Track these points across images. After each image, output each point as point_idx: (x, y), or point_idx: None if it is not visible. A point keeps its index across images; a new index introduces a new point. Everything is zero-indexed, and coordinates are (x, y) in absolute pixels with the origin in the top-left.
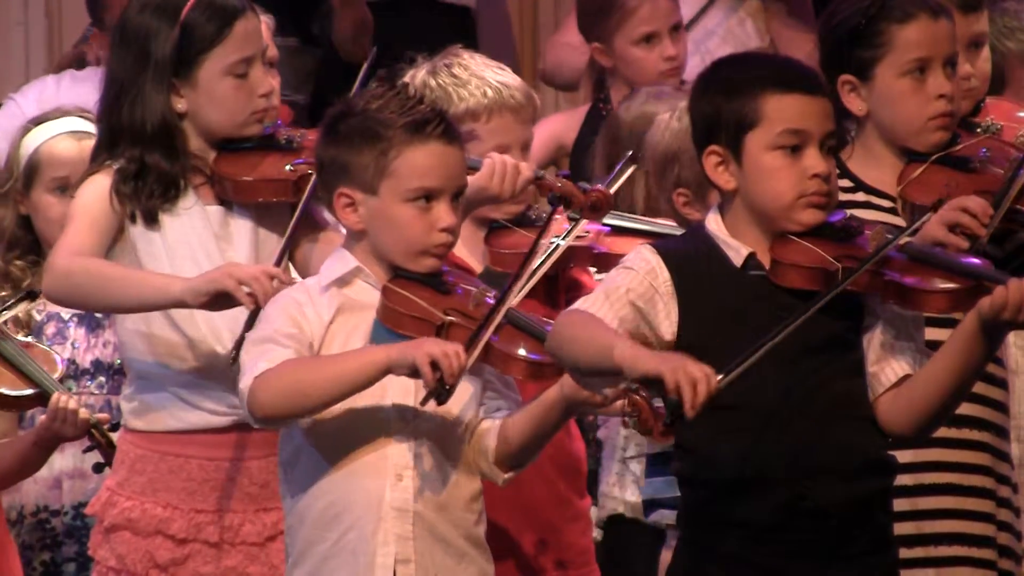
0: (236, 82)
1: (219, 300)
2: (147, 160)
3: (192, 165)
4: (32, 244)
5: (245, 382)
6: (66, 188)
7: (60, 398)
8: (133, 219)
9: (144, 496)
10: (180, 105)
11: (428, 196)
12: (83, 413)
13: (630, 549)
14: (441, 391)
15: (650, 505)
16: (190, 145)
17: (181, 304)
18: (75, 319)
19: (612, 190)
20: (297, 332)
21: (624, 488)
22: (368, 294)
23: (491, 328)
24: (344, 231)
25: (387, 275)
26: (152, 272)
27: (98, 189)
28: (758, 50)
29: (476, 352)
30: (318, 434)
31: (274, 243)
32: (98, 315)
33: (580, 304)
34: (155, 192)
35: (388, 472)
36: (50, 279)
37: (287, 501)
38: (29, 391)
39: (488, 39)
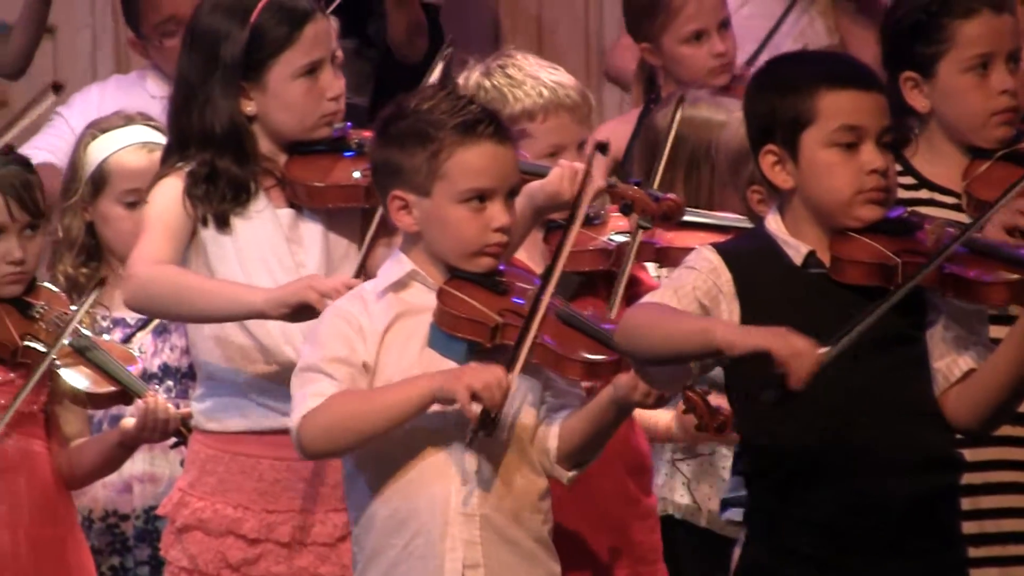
0: (306, 85)
1: (300, 312)
2: (218, 164)
3: (263, 168)
4: (95, 249)
5: (294, 420)
6: (137, 202)
7: (150, 403)
8: (204, 223)
9: (215, 496)
10: (249, 108)
11: (481, 196)
12: (172, 415)
13: (680, 551)
14: (487, 423)
15: (725, 504)
16: (260, 148)
17: (261, 315)
18: (141, 323)
19: (670, 194)
20: (347, 354)
21: (673, 490)
22: (425, 297)
23: (532, 334)
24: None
25: (444, 276)
26: (232, 282)
27: (171, 193)
28: (825, 48)
29: (519, 363)
30: (382, 442)
31: (344, 246)
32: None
33: (648, 299)
34: (226, 196)
35: (453, 476)
36: (130, 289)
37: (353, 509)
38: (110, 388)
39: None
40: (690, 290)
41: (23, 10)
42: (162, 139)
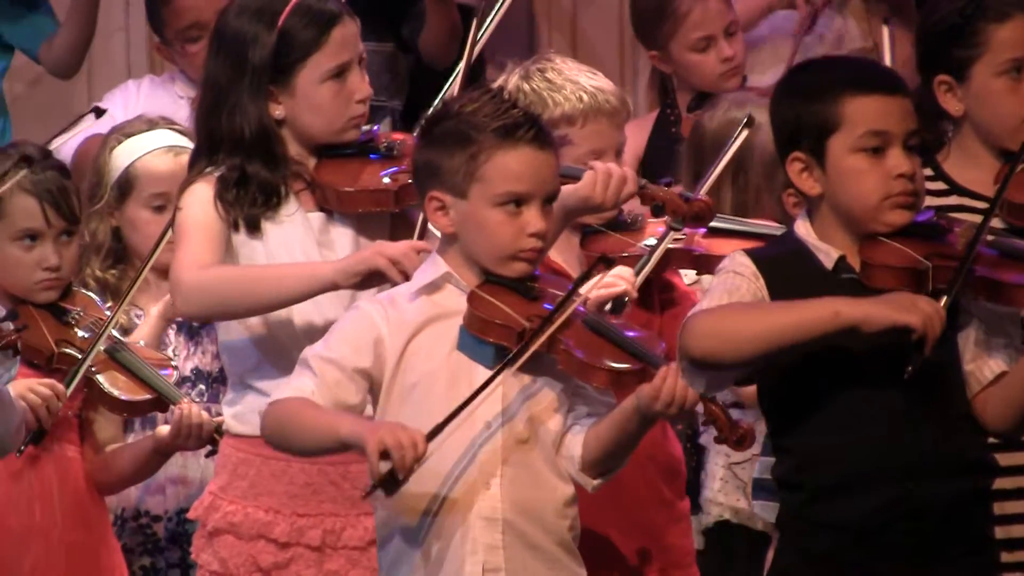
0: (334, 88)
1: (370, 279)
2: (248, 168)
3: (292, 172)
4: (122, 253)
5: (270, 400)
6: (163, 206)
7: (184, 409)
8: (236, 227)
9: (246, 500)
10: (278, 112)
11: (518, 201)
12: (206, 424)
13: (736, 555)
14: (389, 482)
15: (757, 488)
16: (289, 151)
17: (333, 287)
18: (174, 327)
19: (700, 196)
20: (345, 359)
21: (729, 494)
22: (458, 300)
23: (537, 343)
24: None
25: (478, 279)
26: (293, 263)
27: (203, 199)
28: (859, 51)
29: (522, 359)
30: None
31: None
32: (195, 324)
33: (707, 304)
34: (257, 200)
35: (477, 480)
36: (184, 297)
37: (378, 513)
38: (146, 396)
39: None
40: (744, 292)
41: (70, 10)
42: (187, 143)
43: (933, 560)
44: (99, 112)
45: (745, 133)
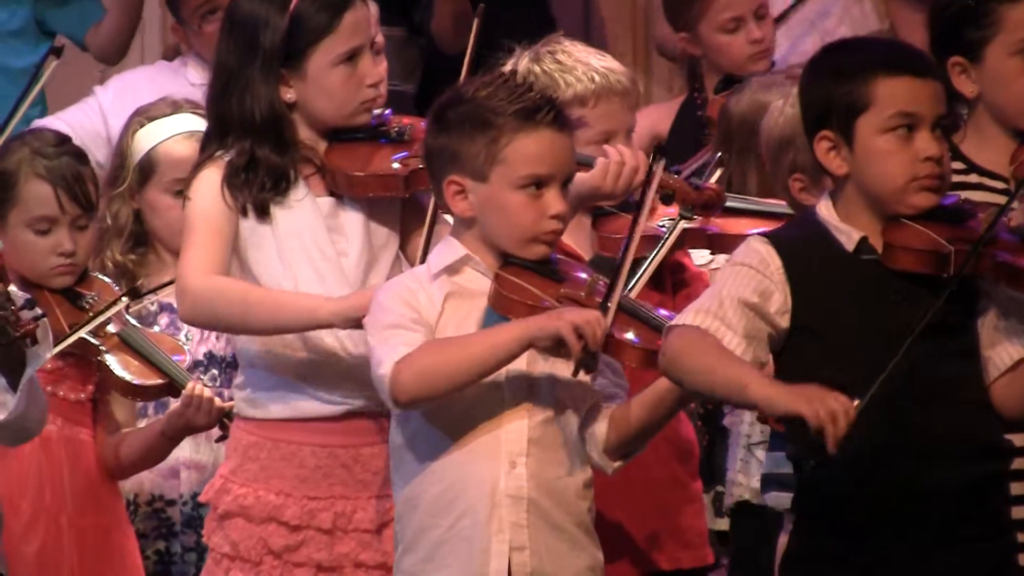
0: (345, 72)
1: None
2: (257, 152)
3: (302, 156)
4: (143, 236)
5: (386, 368)
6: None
7: (195, 387)
8: (244, 212)
9: (257, 483)
10: (289, 95)
11: (538, 183)
12: (217, 402)
13: (757, 536)
14: (588, 359)
15: (767, 482)
16: (299, 135)
17: (329, 326)
18: None
19: (710, 184)
20: (419, 316)
21: (749, 475)
22: (478, 282)
23: (615, 303)
24: (451, 220)
25: (497, 262)
26: (294, 293)
27: (211, 188)
28: (875, 32)
29: (610, 320)
30: (437, 416)
31: (385, 235)
32: None
33: (692, 316)
34: (266, 184)
35: (502, 458)
36: (188, 306)
37: (398, 488)
38: (158, 380)
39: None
40: (734, 300)
41: None
42: None
43: (947, 544)
44: (57, 52)
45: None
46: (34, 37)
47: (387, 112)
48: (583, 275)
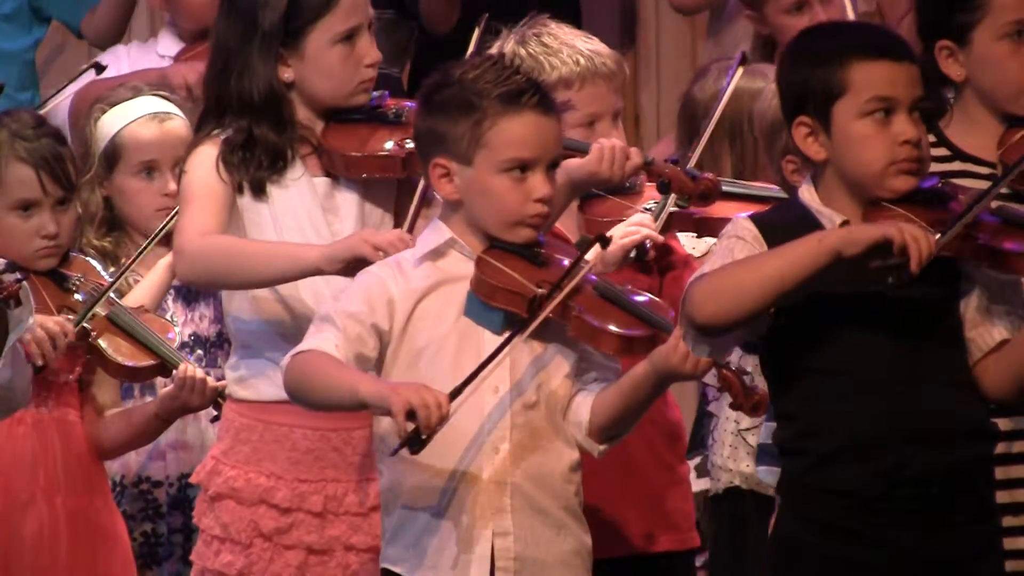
0: (344, 51)
1: (355, 266)
2: (255, 131)
3: (299, 136)
4: (115, 221)
5: (287, 356)
6: (153, 171)
7: (187, 368)
8: (240, 190)
9: (248, 465)
10: (287, 75)
11: (523, 167)
12: (211, 382)
13: (746, 521)
14: (415, 441)
15: (762, 453)
16: (297, 115)
17: (317, 272)
18: (172, 292)
19: (707, 174)
20: (363, 313)
21: (739, 460)
22: (463, 266)
23: (550, 308)
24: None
25: (483, 246)
26: (285, 243)
27: (208, 162)
28: (861, 15)
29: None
30: None
31: (379, 216)
32: (192, 289)
33: (707, 269)
34: (263, 163)
35: (485, 444)
36: (186, 263)
37: (383, 475)
38: (150, 361)
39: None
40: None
41: None
42: (172, 108)
43: (935, 527)
44: (99, 68)
45: (740, 72)
46: (28, 21)
47: (385, 94)
48: (566, 261)
